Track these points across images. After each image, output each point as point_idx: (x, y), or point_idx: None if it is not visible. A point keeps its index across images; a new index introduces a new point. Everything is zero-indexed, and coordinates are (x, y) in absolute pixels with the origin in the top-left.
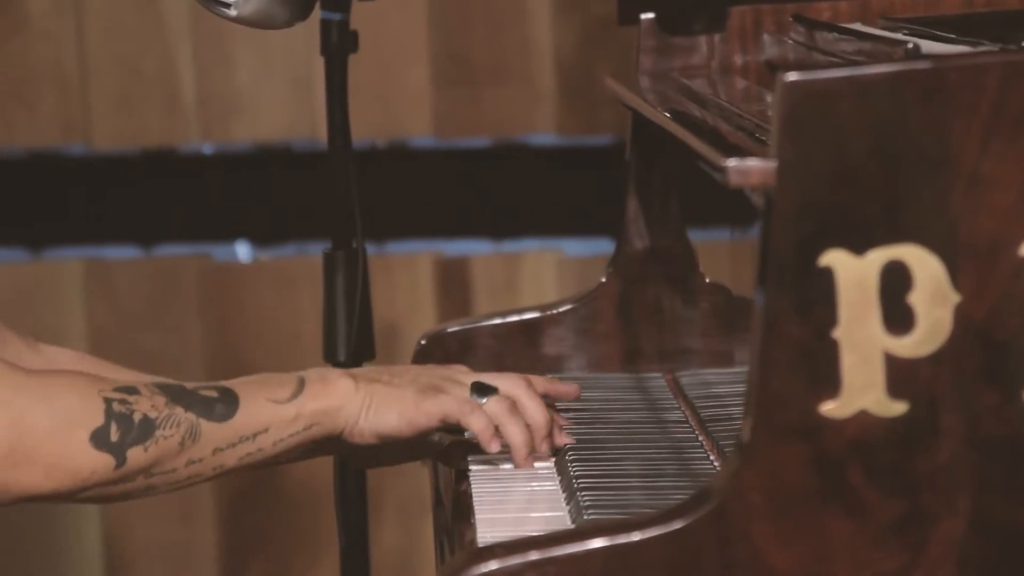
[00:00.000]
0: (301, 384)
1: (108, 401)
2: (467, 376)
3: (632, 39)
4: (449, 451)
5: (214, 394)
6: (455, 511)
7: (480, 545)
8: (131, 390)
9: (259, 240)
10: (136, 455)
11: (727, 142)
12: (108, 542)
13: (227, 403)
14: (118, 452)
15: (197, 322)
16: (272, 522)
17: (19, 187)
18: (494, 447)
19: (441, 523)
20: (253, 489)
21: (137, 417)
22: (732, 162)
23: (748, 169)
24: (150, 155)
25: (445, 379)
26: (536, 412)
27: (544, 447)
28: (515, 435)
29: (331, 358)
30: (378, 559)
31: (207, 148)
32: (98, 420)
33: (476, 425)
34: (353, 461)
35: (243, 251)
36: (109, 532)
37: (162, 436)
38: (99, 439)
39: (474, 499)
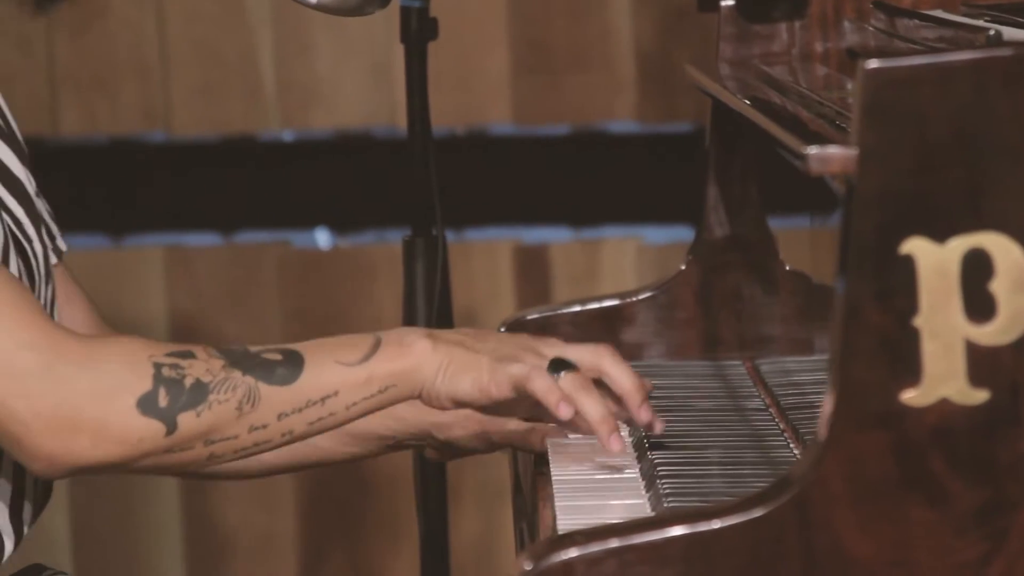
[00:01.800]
0: (376, 345)
1: (158, 366)
2: (553, 348)
3: (712, 26)
4: (527, 437)
5: (277, 357)
6: (535, 498)
7: (560, 532)
8: (187, 354)
9: (339, 227)
10: (188, 420)
11: (808, 129)
12: (189, 530)
13: (291, 366)
14: (167, 418)
15: (277, 309)
16: (352, 509)
17: (100, 174)
18: (562, 412)
19: (521, 510)
20: (333, 476)
21: (189, 382)
22: (813, 150)
23: (829, 157)
24: (230, 142)
25: (526, 349)
26: (624, 378)
27: (642, 414)
28: (592, 410)
29: None
30: (457, 546)
31: (287, 135)
32: (145, 385)
33: (539, 389)
34: (431, 453)
35: (323, 238)
36: (190, 520)
37: (216, 400)
38: (146, 404)
39: (554, 486)
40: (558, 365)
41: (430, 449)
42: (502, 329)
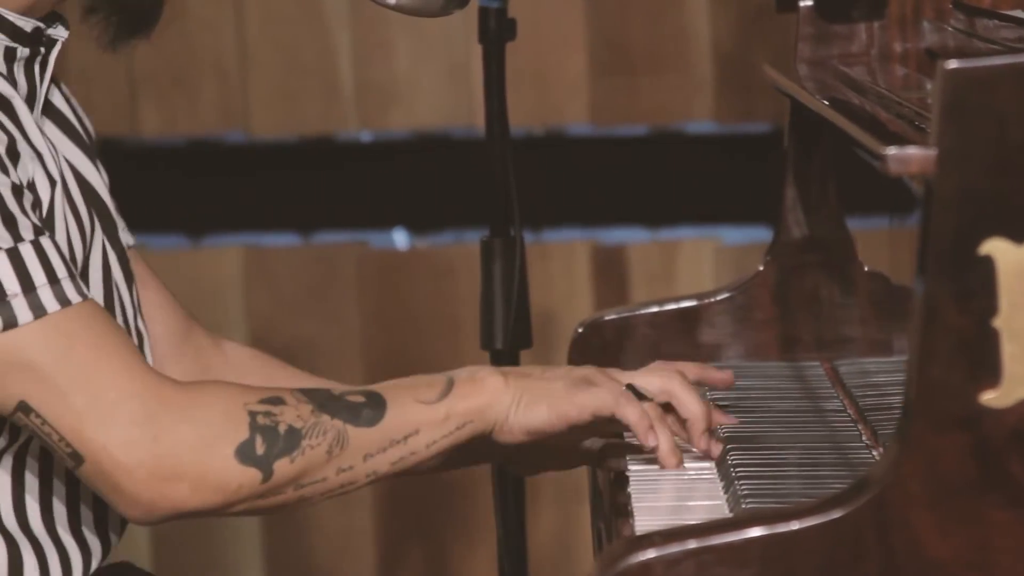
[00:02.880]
0: (450, 384)
1: (253, 414)
2: (621, 375)
3: (790, 26)
4: (604, 454)
5: (361, 399)
6: (613, 499)
7: (638, 533)
8: (277, 400)
9: (416, 228)
10: (283, 467)
11: (886, 130)
12: (268, 527)
13: (374, 407)
14: (264, 465)
15: (355, 309)
16: (430, 508)
17: (179, 175)
18: (651, 441)
19: (599, 511)
20: (411, 476)
21: (282, 428)
22: (892, 150)
23: (908, 157)
24: (308, 143)
25: (598, 374)
26: (692, 404)
27: (701, 443)
28: (663, 442)
29: (488, 346)
30: (535, 546)
31: (365, 136)
32: (242, 434)
33: (632, 416)
34: (513, 469)
35: (400, 239)
36: (269, 519)
37: (309, 446)
38: (244, 453)
39: (632, 487)
40: (635, 395)
41: (512, 465)
42: (579, 329)
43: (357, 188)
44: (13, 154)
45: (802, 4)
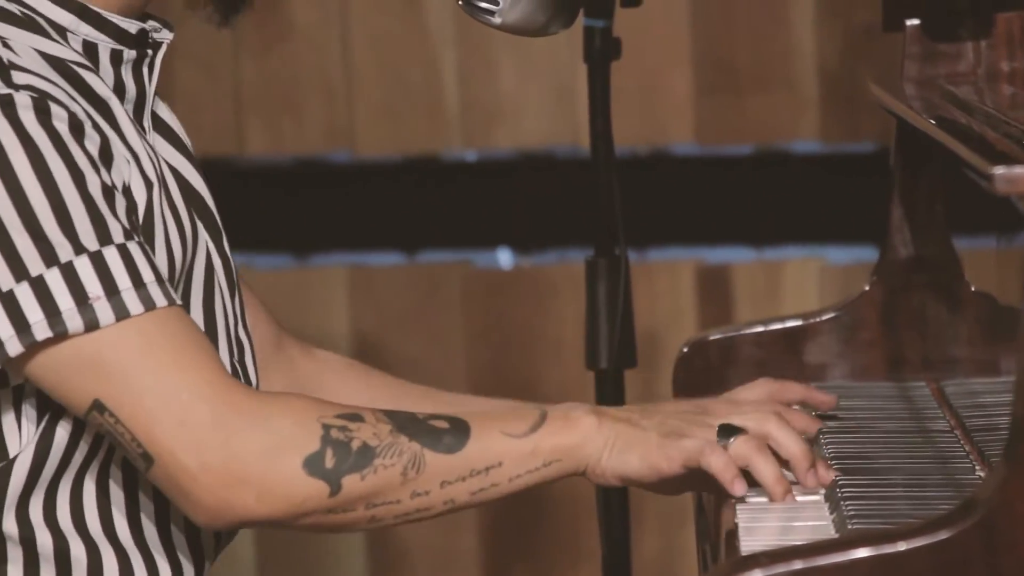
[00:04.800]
0: (542, 418)
1: (327, 427)
2: (717, 417)
3: (896, 45)
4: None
5: (444, 425)
6: (718, 519)
7: (744, 554)
8: (355, 417)
9: (521, 247)
10: (352, 483)
11: (994, 150)
12: (371, 546)
13: (457, 434)
14: (332, 479)
15: (459, 328)
16: (534, 529)
17: (285, 194)
18: (737, 489)
19: (704, 531)
20: (515, 496)
21: (355, 445)
22: (999, 170)
23: (1016, 177)
24: (413, 162)
25: (692, 421)
26: (791, 445)
27: (809, 480)
28: (765, 473)
29: (593, 365)
30: (639, 566)
31: (470, 155)
32: (313, 446)
33: (715, 466)
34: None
35: (505, 258)
36: (372, 540)
37: (381, 465)
38: (312, 465)
39: (737, 507)
40: (727, 430)
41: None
42: (684, 349)
43: (462, 207)
44: (106, 156)
45: (909, 23)
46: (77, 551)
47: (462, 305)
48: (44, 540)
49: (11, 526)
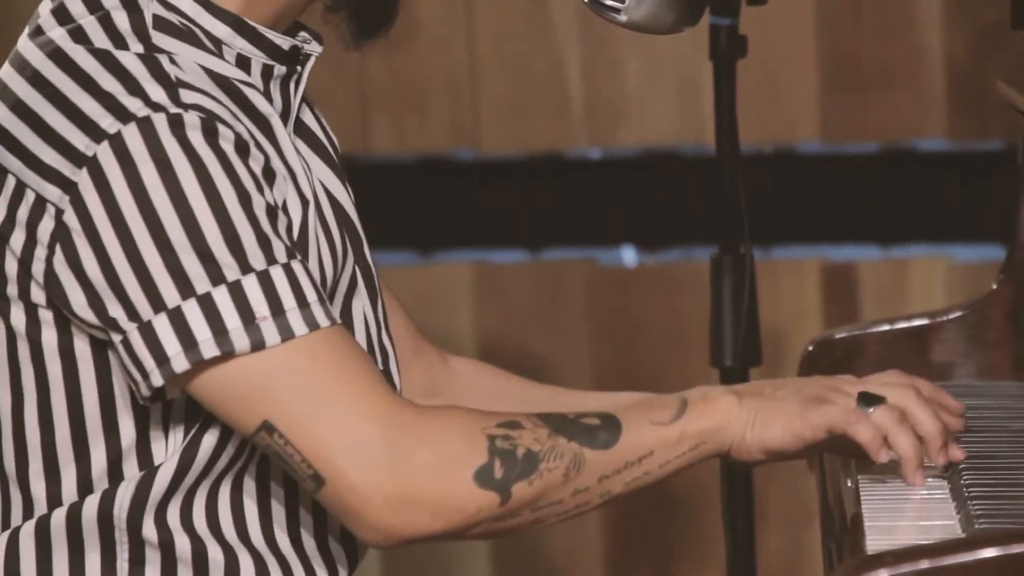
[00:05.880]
0: (684, 405)
1: (491, 438)
2: (853, 386)
3: None
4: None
5: (596, 422)
6: (843, 517)
7: (869, 553)
8: (514, 424)
9: (645, 244)
10: (521, 490)
11: None
12: (496, 544)
13: (609, 430)
14: (502, 488)
15: (583, 326)
16: (658, 526)
17: (410, 191)
18: (883, 457)
19: (829, 529)
20: (639, 492)
21: (520, 452)
22: None
23: None
24: (538, 159)
25: (830, 389)
26: (928, 422)
27: (940, 459)
28: (905, 446)
29: (718, 363)
30: (764, 564)
31: (594, 152)
32: (481, 458)
33: (863, 435)
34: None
35: (629, 255)
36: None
37: (546, 469)
38: (483, 477)
39: (863, 505)
40: (867, 399)
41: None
42: (809, 347)
43: (586, 204)
44: (269, 174)
45: None
46: (215, 554)
47: (586, 303)
48: (182, 544)
49: (150, 531)
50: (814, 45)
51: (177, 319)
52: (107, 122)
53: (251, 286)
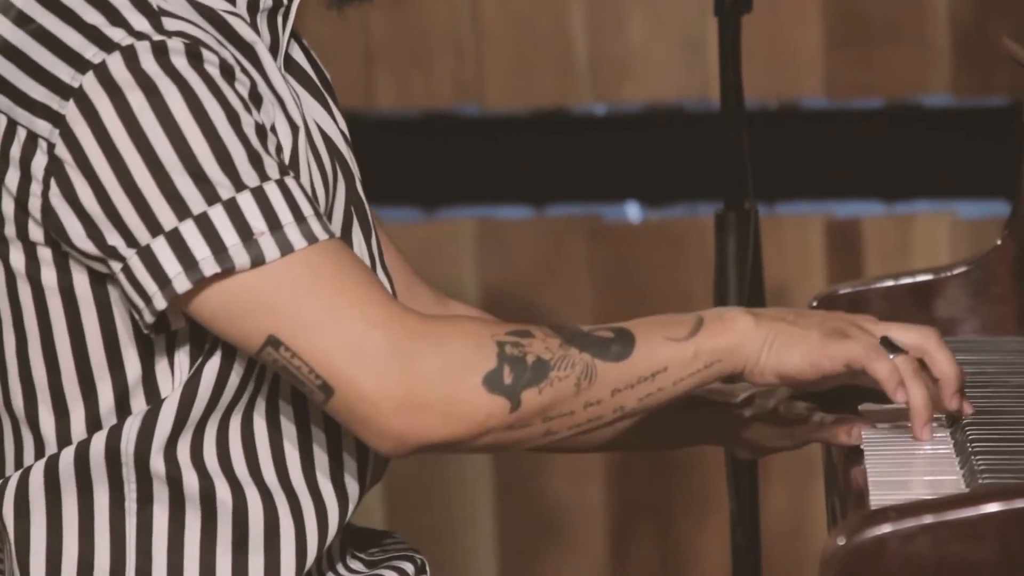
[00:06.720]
0: (700, 322)
1: (501, 344)
2: (875, 325)
3: None
4: (835, 433)
5: (610, 334)
6: (847, 473)
7: (873, 508)
8: (525, 333)
9: (649, 201)
10: (531, 397)
11: None
12: (500, 495)
13: (623, 343)
14: (512, 395)
15: (587, 282)
16: (661, 484)
17: (414, 148)
18: (900, 396)
19: (832, 485)
20: (643, 451)
21: (530, 359)
22: None
23: None
24: (542, 116)
25: (852, 324)
26: (946, 364)
27: (953, 403)
28: (918, 396)
29: None
30: (767, 521)
31: (599, 109)
32: (490, 363)
33: (882, 372)
34: (738, 452)
35: (633, 212)
36: (500, 495)
37: (557, 377)
38: (492, 382)
39: (866, 461)
40: (890, 345)
41: (738, 448)
42: (814, 304)
43: (590, 161)
44: (255, 97)
45: None
46: (223, 493)
47: (590, 259)
48: (190, 480)
49: (159, 465)
50: (819, 1)
51: (176, 241)
52: (91, 53)
53: (247, 203)
